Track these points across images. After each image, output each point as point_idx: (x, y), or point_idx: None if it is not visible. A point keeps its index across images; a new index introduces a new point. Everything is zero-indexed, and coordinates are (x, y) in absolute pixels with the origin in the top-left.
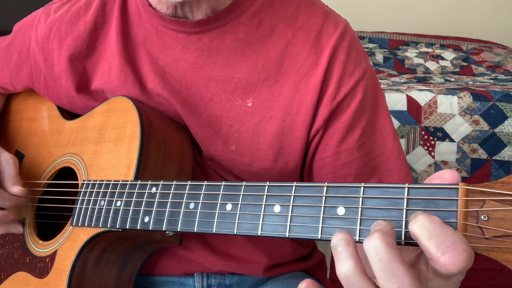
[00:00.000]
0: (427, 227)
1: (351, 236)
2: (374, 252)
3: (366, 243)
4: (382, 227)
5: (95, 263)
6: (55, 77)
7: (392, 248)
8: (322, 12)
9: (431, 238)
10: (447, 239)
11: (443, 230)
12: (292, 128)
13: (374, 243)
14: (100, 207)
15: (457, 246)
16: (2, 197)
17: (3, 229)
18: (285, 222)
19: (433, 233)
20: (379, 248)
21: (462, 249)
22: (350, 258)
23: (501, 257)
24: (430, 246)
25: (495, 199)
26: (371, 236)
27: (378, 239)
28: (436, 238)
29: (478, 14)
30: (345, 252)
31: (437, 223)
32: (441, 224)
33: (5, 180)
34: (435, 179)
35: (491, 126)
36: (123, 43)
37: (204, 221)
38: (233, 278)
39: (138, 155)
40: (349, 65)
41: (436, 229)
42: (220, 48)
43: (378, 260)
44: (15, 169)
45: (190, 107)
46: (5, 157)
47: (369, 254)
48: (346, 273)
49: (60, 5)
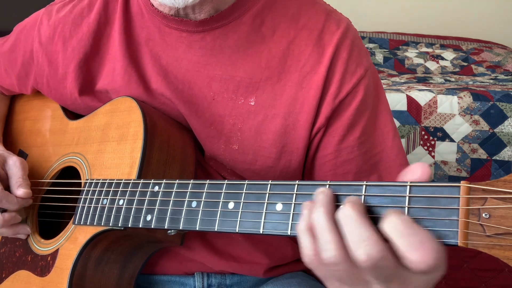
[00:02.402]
0: (398, 226)
1: (331, 191)
2: (344, 217)
3: (338, 212)
4: (352, 199)
5: (96, 262)
6: (59, 79)
7: (360, 213)
8: (324, 11)
9: (402, 237)
10: (416, 237)
11: (412, 229)
12: (295, 127)
13: (344, 210)
14: (103, 205)
15: (425, 243)
16: (8, 200)
17: (11, 231)
18: (287, 220)
19: (403, 232)
20: (348, 213)
21: (429, 246)
22: (322, 206)
23: (503, 254)
24: (400, 245)
25: (497, 197)
26: (343, 205)
27: (349, 206)
28: (406, 237)
29: (478, 14)
30: (320, 202)
31: (407, 221)
32: (411, 223)
33: (12, 183)
34: (408, 173)
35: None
36: (126, 44)
37: (206, 219)
38: (234, 278)
39: (141, 155)
40: (351, 63)
41: (406, 228)
42: (223, 47)
43: (347, 224)
44: (22, 171)
45: (192, 106)
46: (13, 160)
47: (340, 221)
48: (316, 215)
49: (62, 6)
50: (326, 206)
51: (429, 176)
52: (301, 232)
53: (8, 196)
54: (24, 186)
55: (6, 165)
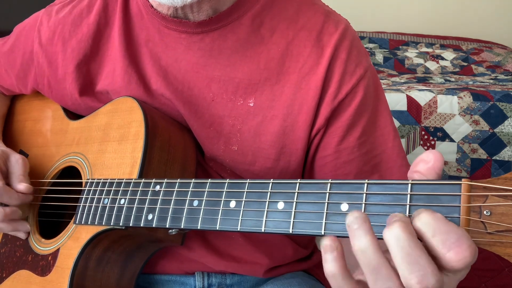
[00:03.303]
0: (431, 224)
1: (366, 215)
2: (396, 240)
3: (387, 233)
4: (401, 217)
5: (97, 261)
6: (59, 80)
7: (414, 237)
8: (322, 12)
9: (436, 235)
10: (451, 235)
11: (447, 227)
12: (294, 128)
13: (395, 232)
14: (104, 205)
15: (462, 242)
16: (9, 195)
17: (10, 226)
18: (288, 219)
19: (437, 230)
20: (401, 236)
21: (467, 245)
22: (367, 235)
23: (503, 251)
24: (435, 243)
25: (498, 195)
26: (392, 225)
27: (400, 228)
28: (440, 235)
29: (478, 14)
30: (361, 229)
31: (440, 219)
32: (445, 221)
33: (13, 179)
34: (419, 164)
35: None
36: (126, 44)
37: (208, 218)
38: (234, 277)
39: (143, 154)
40: (350, 64)
41: (440, 226)
42: (222, 49)
43: (400, 248)
44: (23, 168)
45: (192, 107)
46: (15, 157)
47: (390, 243)
48: (364, 249)
49: (62, 7)
50: (370, 232)
51: (442, 162)
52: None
53: (9, 191)
54: (25, 182)
55: (8, 162)
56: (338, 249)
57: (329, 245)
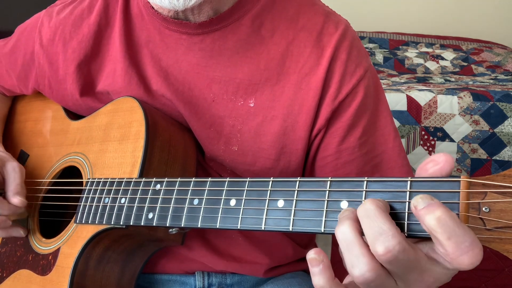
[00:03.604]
0: (449, 225)
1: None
2: (364, 212)
3: (358, 208)
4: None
5: (97, 261)
6: (60, 80)
7: (380, 208)
8: (323, 12)
9: (452, 238)
10: (466, 239)
11: (463, 230)
12: (294, 128)
13: (364, 205)
14: (104, 204)
15: (475, 246)
16: (1, 206)
17: (4, 232)
18: (288, 216)
19: (453, 232)
20: (368, 208)
21: (478, 249)
22: (348, 219)
23: (502, 247)
24: (449, 245)
25: (497, 191)
26: (363, 204)
27: (369, 201)
28: (456, 238)
29: (478, 14)
30: (346, 216)
31: (456, 221)
32: (460, 223)
33: (9, 188)
34: (429, 163)
35: (491, 126)
36: (127, 45)
37: (208, 217)
38: (234, 277)
39: (143, 154)
40: (350, 64)
41: (456, 229)
42: (223, 49)
43: (366, 218)
44: (20, 177)
45: (193, 108)
46: (12, 165)
47: (360, 216)
48: (342, 230)
49: (63, 7)
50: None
51: (452, 166)
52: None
53: (1, 202)
54: (20, 194)
55: (5, 169)
56: (324, 261)
57: (314, 258)
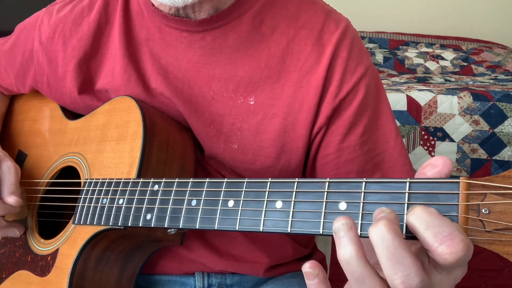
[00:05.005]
0: (424, 218)
1: (353, 221)
2: (381, 239)
3: (372, 231)
4: (387, 215)
5: (96, 261)
6: (59, 78)
7: (398, 235)
8: (323, 10)
9: (428, 229)
10: (444, 229)
11: (440, 221)
12: (294, 126)
13: (380, 230)
14: (103, 205)
15: (454, 235)
16: None
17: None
18: (287, 218)
19: (430, 223)
20: (385, 235)
21: (459, 238)
22: (351, 244)
23: (502, 250)
24: (427, 237)
25: (496, 193)
26: (377, 223)
27: (385, 226)
28: (433, 229)
29: (478, 14)
30: (346, 237)
31: (433, 213)
32: (438, 215)
33: (3, 189)
34: (427, 167)
35: (491, 126)
36: (126, 43)
37: (206, 218)
38: (234, 277)
39: (141, 154)
40: (351, 62)
41: (433, 220)
42: (223, 47)
43: (385, 248)
44: (15, 177)
45: (192, 106)
46: (7, 164)
47: (375, 242)
48: (347, 259)
49: (63, 6)
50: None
51: (450, 169)
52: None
53: None
54: (15, 194)
55: (0, 169)
56: (319, 275)
57: (310, 272)
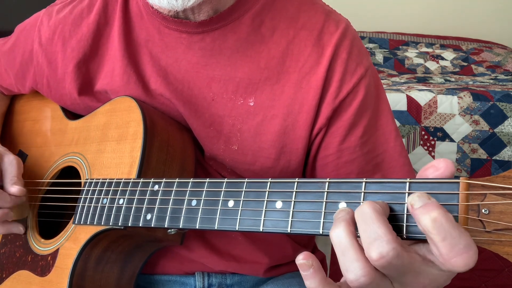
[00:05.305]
0: (444, 227)
1: (352, 210)
2: (360, 215)
3: (356, 211)
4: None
5: (96, 261)
6: (58, 79)
7: (376, 211)
8: (323, 11)
9: (446, 239)
10: (461, 241)
11: (457, 231)
12: (294, 127)
13: (361, 208)
14: (103, 205)
15: (470, 248)
16: (1, 197)
17: (4, 228)
18: (286, 218)
19: (448, 234)
20: (365, 211)
21: (473, 251)
22: (343, 221)
23: (502, 250)
24: (444, 247)
25: (496, 193)
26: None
27: (366, 204)
28: (451, 240)
29: (478, 14)
30: (341, 218)
31: (452, 222)
32: (455, 224)
33: (6, 181)
34: (429, 169)
35: (491, 126)
36: (126, 44)
37: (206, 218)
38: (234, 277)
39: (141, 154)
40: (350, 63)
41: (451, 230)
42: (223, 48)
43: (362, 222)
44: (17, 170)
45: (192, 107)
46: (9, 158)
47: (357, 220)
48: (337, 233)
49: (62, 7)
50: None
51: (452, 172)
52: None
53: (1, 193)
54: (18, 184)
55: (2, 163)
56: (313, 265)
57: (304, 263)
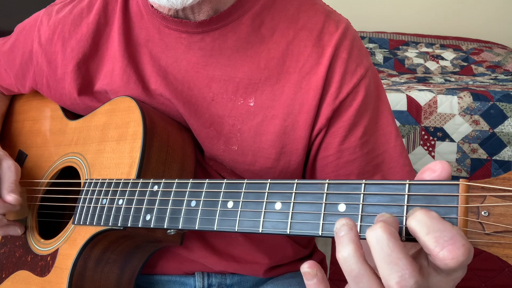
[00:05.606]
0: (425, 222)
1: (353, 222)
2: (376, 241)
3: (369, 233)
4: (385, 219)
5: (96, 262)
6: (58, 79)
7: (394, 238)
8: (323, 11)
9: (430, 233)
10: (445, 233)
11: (441, 225)
12: (294, 127)
13: (376, 232)
14: (102, 205)
15: (456, 240)
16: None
17: (1, 231)
18: (286, 219)
19: (431, 228)
20: (381, 237)
21: (460, 243)
22: (351, 243)
23: (502, 252)
24: (428, 241)
25: (496, 195)
26: (374, 226)
27: (381, 228)
28: (434, 233)
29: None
30: (347, 237)
31: (435, 218)
32: (439, 219)
33: (3, 187)
34: (426, 172)
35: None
36: (125, 44)
37: (206, 219)
38: (234, 277)
39: (141, 154)
40: (351, 63)
41: (434, 224)
42: (223, 48)
43: (380, 249)
44: (15, 176)
45: (192, 107)
46: (8, 163)
47: (371, 244)
48: (346, 257)
49: (62, 6)
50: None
51: (449, 173)
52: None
53: None
54: (15, 192)
55: (1, 168)
56: (318, 274)
57: (308, 272)
